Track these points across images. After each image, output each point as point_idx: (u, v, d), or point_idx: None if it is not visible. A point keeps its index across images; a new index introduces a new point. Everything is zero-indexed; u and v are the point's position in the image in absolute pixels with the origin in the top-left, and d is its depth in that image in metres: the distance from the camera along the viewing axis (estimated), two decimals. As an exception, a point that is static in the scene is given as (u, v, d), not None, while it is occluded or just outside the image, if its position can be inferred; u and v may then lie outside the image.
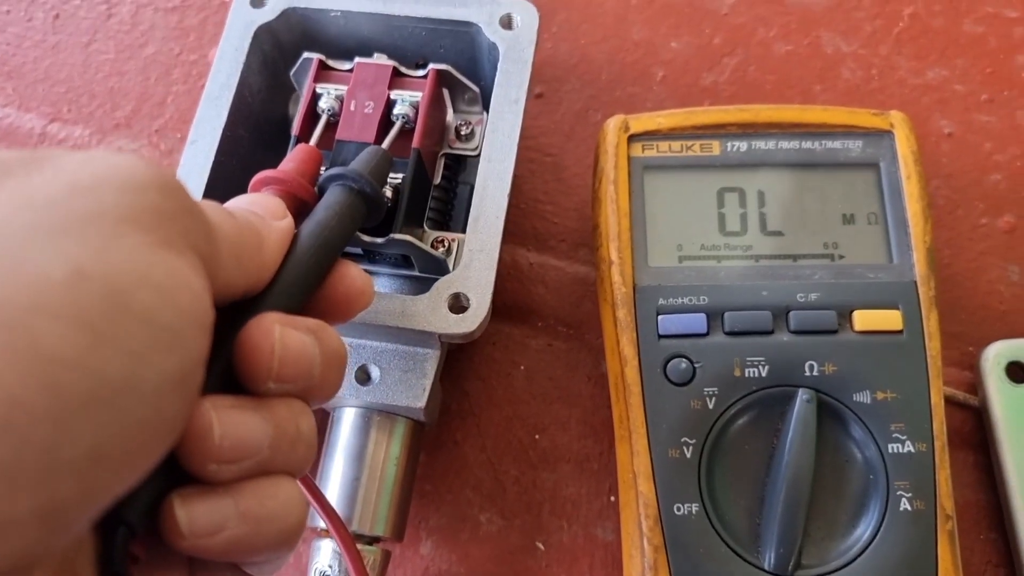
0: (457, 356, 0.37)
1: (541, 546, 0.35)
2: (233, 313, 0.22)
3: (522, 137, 0.33)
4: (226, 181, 0.33)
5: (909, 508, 0.30)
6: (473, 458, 0.36)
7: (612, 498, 0.36)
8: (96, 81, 0.44)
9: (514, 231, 0.39)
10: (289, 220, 0.25)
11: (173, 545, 0.19)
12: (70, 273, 0.16)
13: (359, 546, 0.32)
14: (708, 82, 0.42)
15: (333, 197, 0.26)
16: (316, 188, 0.28)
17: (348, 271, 0.25)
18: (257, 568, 0.22)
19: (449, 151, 0.35)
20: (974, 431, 0.36)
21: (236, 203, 0.25)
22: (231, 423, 0.20)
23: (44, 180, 0.17)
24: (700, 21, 0.43)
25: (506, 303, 0.38)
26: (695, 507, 0.30)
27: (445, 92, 0.35)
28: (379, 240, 0.31)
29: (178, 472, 0.20)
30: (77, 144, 0.42)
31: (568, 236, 0.39)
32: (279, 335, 0.21)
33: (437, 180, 0.35)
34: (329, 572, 0.32)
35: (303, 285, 0.24)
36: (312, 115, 0.33)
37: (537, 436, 0.37)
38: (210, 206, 0.21)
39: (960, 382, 0.37)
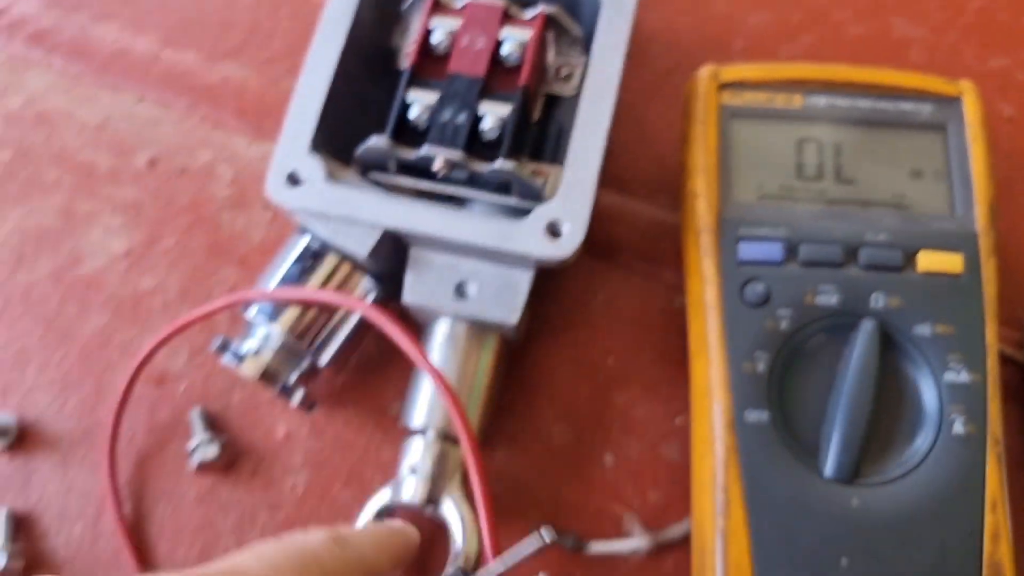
0: (540, 283, 0.40)
1: (609, 459, 0.38)
2: None
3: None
4: (338, 105, 0.36)
5: (961, 432, 0.33)
6: (548, 375, 0.39)
7: (678, 421, 0.38)
8: (207, 11, 0.47)
9: (597, 188, 0.42)
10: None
11: None
12: None
13: (448, 444, 0.34)
14: (784, 56, 0.45)
15: None
16: None
17: None
18: None
19: (549, 91, 0.38)
20: (1020, 387, 0.39)
21: None
22: None
23: None
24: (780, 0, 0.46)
25: (589, 238, 0.41)
26: (765, 415, 0.33)
27: (549, 35, 0.38)
28: (485, 167, 0.34)
29: None
30: (188, 68, 0.46)
31: (648, 182, 0.42)
32: None
33: (536, 117, 0.38)
34: (418, 466, 0.34)
35: None
36: (425, 49, 0.36)
37: (610, 359, 0.39)
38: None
39: (1009, 341, 0.39)
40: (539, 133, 0.38)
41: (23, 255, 0.42)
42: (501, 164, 0.33)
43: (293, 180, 0.34)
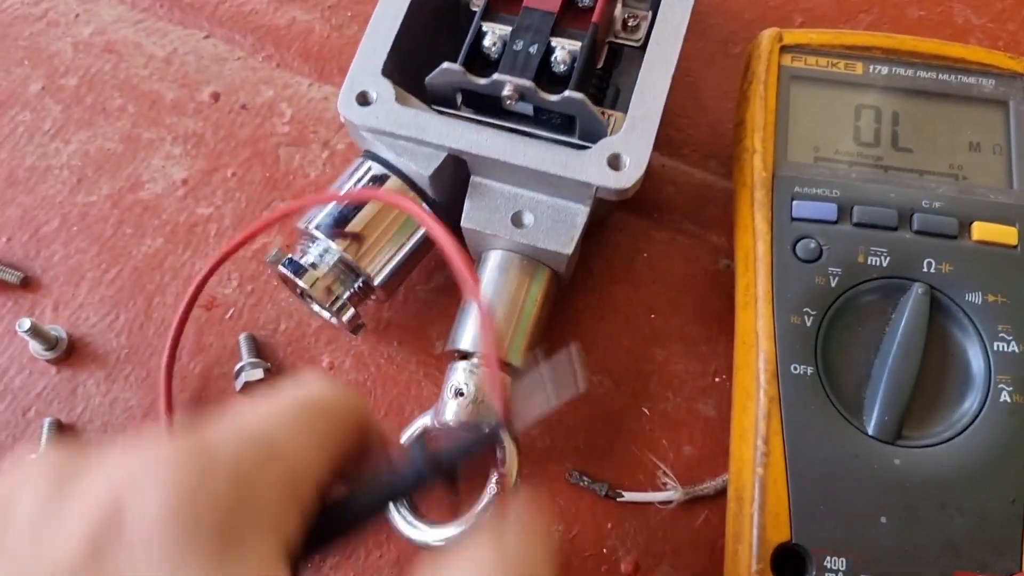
0: (588, 238, 0.40)
1: (647, 411, 0.38)
2: None
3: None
4: (409, 38, 0.37)
5: (1008, 400, 0.33)
6: (590, 326, 0.39)
7: (717, 379, 0.38)
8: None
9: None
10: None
11: None
12: None
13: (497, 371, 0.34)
14: (843, 33, 0.45)
15: (405, 473, 0.25)
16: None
17: None
18: None
19: (614, 40, 0.39)
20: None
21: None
22: None
23: None
24: (841, -21, 0.46)
25: (636, 197, 0.41)
26: (810, 369, 0.33)
27: (618, -14, 0.38)
28: (554, 97, 0.34)
29: None
30: (255, 8, 0.46)
31: (700, 147, 0.43)
32: None
33: (600, 65, 0.38)
34: (464, 389, 0.34)
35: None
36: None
37: (652, 315, 0.39)
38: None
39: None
40: (600, 83, 0.38)
41: (84, 176, 0.43)
42: (571, 93, 0.34)
43: (363, 99, 0.35)
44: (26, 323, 0.37)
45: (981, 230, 0.35)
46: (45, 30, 0.46)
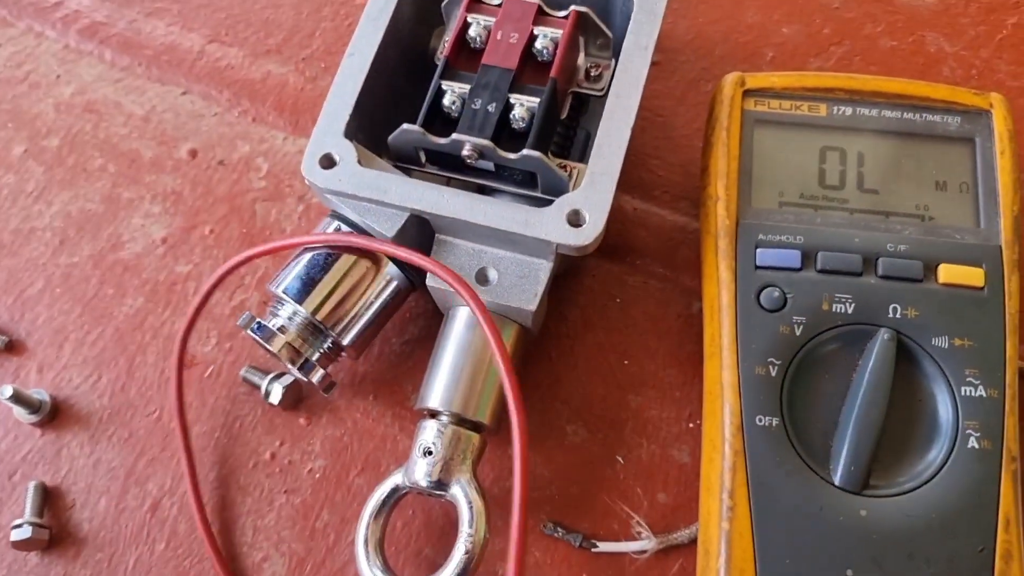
0: (560, 284, 0.41)
1: (621, 459, 0.38)
2: None
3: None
4: (373, 97, 0.37)
5: (976, 446, 0.32)
6: (565, 375, 0.40)
7: (691, 424, 0.38)
8: (253, 11, 0.49)
9: (621, 179, 0.42)
10: None
11: None
12: None
13: (462, 429, 0.35)
14: (814, 67, 0.45)
15: None
16: None
17: None
18: None
19: (577, 90, 0.39)
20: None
21: None
22: None
23: None
24: (812, 12, 0.46)
25: (609, 242, 0.41)
26: (775, 420, 0.33)
27: (580, 37, 0.39)
28: (512, 156, 0.34)
29: None
30: (231, 64, 0.47)
31: (672, 188, 0.43)
32: None
33: (563, 115, 0.38)
34: (433, 448, 0.35)
35: None
36: (461, 42, 0.37)
37: (626, 362, 0.40)
38: None
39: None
40: (567, 132, 0.38)
41: (66, 238, 0.43)
42: (528, 152, 0.34)
43: (327, 162, 0.35)
44: (8, 391, 0.38)
45: (947, 272, 0.34)
46: (27, 92, 0.47)
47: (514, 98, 0.36)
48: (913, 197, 0.36)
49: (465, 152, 0.35)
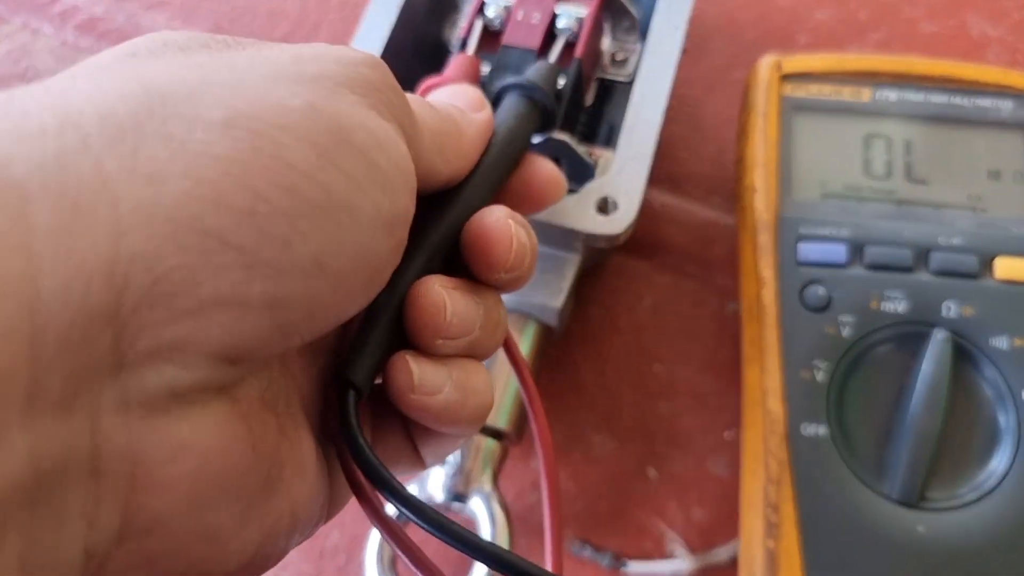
0: (584, 284, 0.38)
1: (653, 473, 0.36)
2: (440, 202, 0.23)
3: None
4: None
5: (1043, 455, 0.30)
6: (591, 381, 0.37)
7: (726, 434, 0.36)
8: (258, 2, 0.46)
9: (650, 174, 0.40)
10: (488, 112, 0.26)
11: (399, 398, 0.21)
12: (304, 105, 0.18)
13: (482, 436, 0.32)
14: (851, 53, 0.42)
15: (514, 105, 0.28)
16: (492, 95, 0.29)
17: (544, 165, 0.27)
18: (445, 444, 0.23)
19: (602, 76, 0.36)
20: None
21: (437, 95, 0.26)
22: (458, 304, 0.21)
23: (273, 50, 0.20)
24: (847, -5, 0.44)
25: (636, 238, 0.39)
26: (822, 429, 0.30)
27: (605, 20, 0.36)
28: (537, 139, 0.32)
29: (397, 344, 0.21)
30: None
31: (703, 182, 0.40)
32: (515, 231, 0.22)
33: (589, 102, 0.36)
34: (449, 459, 0.32)
35: (497, 183, 0.25)
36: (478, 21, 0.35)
37: (657, 367, 0.37)
38: (412, 98, 0.23)
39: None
40: (592, 119, 0.36)
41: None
42: (553, 135, 0.32)
43: None
44: None
45: (1004, 267, 0.32)
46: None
47: (538, 81, 0.33)
48: (964, 187, 0.34)
49: (484, 138, 0.32)
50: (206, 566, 0.18)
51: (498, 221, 0.22)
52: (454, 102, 0.25)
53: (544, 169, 0.27)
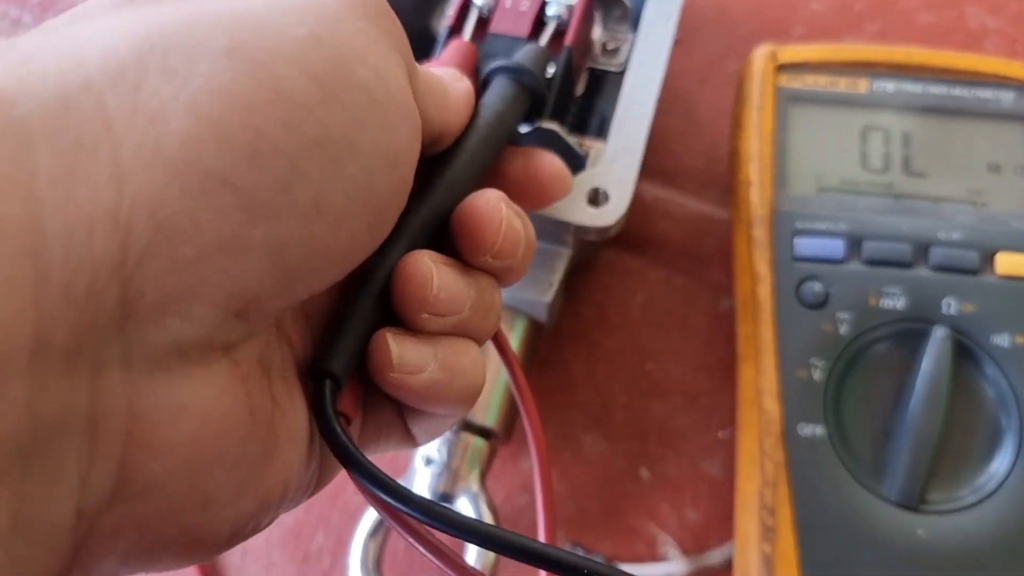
0: (575, 280, 0.37)
1: (645, 473, 0.35)
2: (425, 182, 0.22)
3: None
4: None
5: (1045, 455, 0.29)
6: (582, 380, 0.36)
7: (721, 434, 0.35)
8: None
9: (642, 166, 0.39)
10: (468, 83, 0.25)
11: (379, 378, 0.20)
12: (307, 34, 0.17)
13: (469, 435, 0.32)
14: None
15: (502, 88, 0.27)
16: (481, 79, 0.28)
17: (549, 159, 0.26)
18: (435, 423, 0.22)
19: (593, 66, 0.35)
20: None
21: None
22: (446, 279, 0.20)
23: None
24: (843, -15, 0.43)
25: (628, 234, 0.38)
26: (820, 429, 0.30)
27: (595, 9, 0.35)
28: (525, 128, 0.31)
29: (380, 321, 0.20)
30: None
31: (696, 175, 0.39)
32: (505, 215, 0.22)
33: (580, 91, 0.35)
34: (435, 457, 0.31)
35: (483, 164, 0.24)
36: (465, 9, 0.34)
37: (649, 365, 0.36)
38: None
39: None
40: (583, 109, 0.35)
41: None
42: (541, 124, 0.31)
43: None
44: None
45: (1005, 263, 0.31)
46: None
47: (526, 69, 0.32)
48: (964, 181, 0.33)
49: (472, 126, 0.31)
50: (197, 532, 0.17)
51: (489, 203, 0.22)
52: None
53: (549, 163, 0.26)
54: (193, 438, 0.16)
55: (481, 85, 0.27)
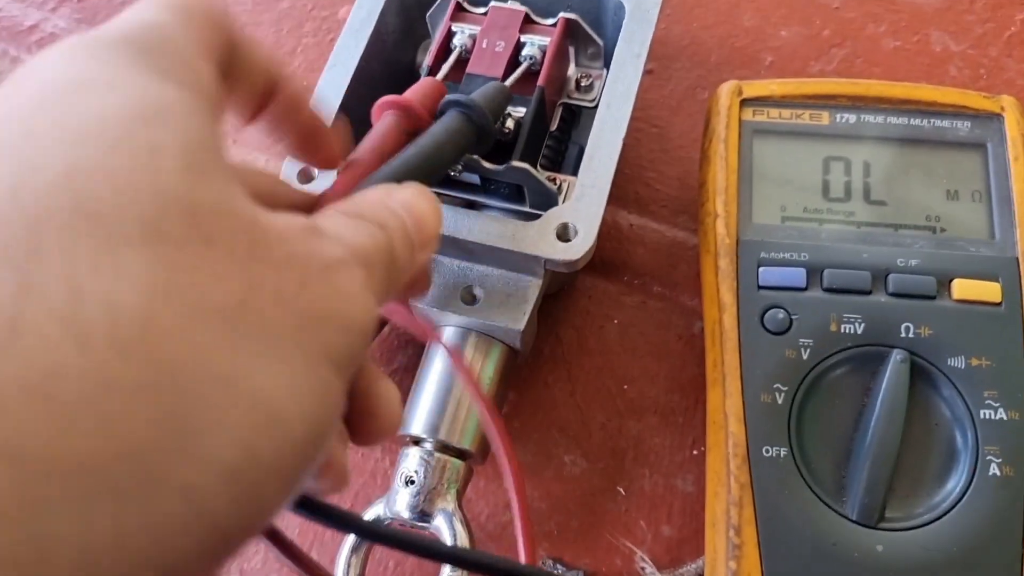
0: (553, 305, 0.39)
1: (622, 491, 0.36)
2: None
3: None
4: (356, 108, 0.35)
5: (998, 473, 0.30)
6: (561, 401, 0.38)
7: (695, 452, 0.36)
8: (234, 30, 0.47)
9: (617, 194, 0.40)
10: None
11: None
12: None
13: (446, 456, 0.33)
14: (815, 71, 0.43)
15: (448, 120, 0.29)
16: (436, 115, 0.30)
17: (390, 396, 0.23)
18: None
19: (567, 101, 0.37)
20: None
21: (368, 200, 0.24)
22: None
23: None
24: (811, 13, 0.44)
25: (604, 260, 0.40)
26: (783, 451, 0.31)
27: (570, 46, 0.37)
28: (498, 167, 0.33)
29: None
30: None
31: (669, 202, 0.41)
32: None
33: (554, 127, 0.37)
34: (415, 477, 0.33)
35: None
36: (445, 50, 0.35)
37: (626, 387, 0.38)
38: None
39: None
40: (558, 146, 0.37)
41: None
42: (514, 163, 0.32)
43: (305, 177, 0.34)
44: None
45: (962, 288, 0.32)
46: None
47: (501, 108, 0.34)
48: (923, 208, 0.34)
49: (450, 163, 0.33)
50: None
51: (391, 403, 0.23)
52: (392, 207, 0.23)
53: (388, 403, 0.23)
54: None
55: (436, 117, 0.29)
